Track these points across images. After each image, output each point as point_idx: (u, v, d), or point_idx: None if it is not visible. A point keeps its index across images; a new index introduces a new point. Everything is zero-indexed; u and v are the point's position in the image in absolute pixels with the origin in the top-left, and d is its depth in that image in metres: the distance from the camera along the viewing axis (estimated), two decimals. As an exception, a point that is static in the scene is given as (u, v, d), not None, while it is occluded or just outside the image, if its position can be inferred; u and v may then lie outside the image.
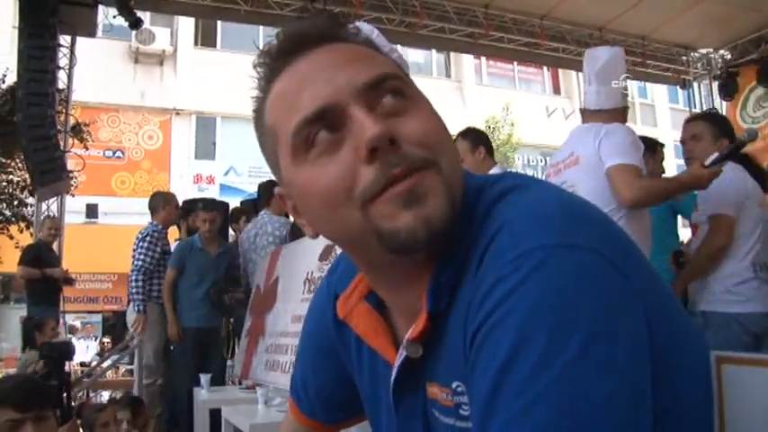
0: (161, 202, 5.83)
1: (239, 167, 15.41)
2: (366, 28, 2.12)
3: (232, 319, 5.69)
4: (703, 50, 10.53)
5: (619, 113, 2.94)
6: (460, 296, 0.71)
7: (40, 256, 6.74)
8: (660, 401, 0.66)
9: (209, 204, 6.08)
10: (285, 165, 0.77)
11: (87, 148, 9.99)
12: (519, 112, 16.46)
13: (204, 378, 4.41)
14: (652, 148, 3.93)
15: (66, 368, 5.80)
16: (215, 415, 4.07)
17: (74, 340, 10.97)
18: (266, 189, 5.37)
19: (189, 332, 5.38)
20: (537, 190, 0.74)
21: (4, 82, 9.39)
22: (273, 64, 0.79)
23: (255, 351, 4.15)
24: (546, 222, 0.66)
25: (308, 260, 3.50)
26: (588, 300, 0.61)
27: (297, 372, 1.08)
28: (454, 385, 0.74)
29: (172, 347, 5.63)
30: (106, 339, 11.69)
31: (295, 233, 4.57)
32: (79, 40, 8.20)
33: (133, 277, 5.45)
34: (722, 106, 10.55)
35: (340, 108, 0.71)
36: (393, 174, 0.69)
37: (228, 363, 5.85)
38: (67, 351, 3.01)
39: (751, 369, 0.61)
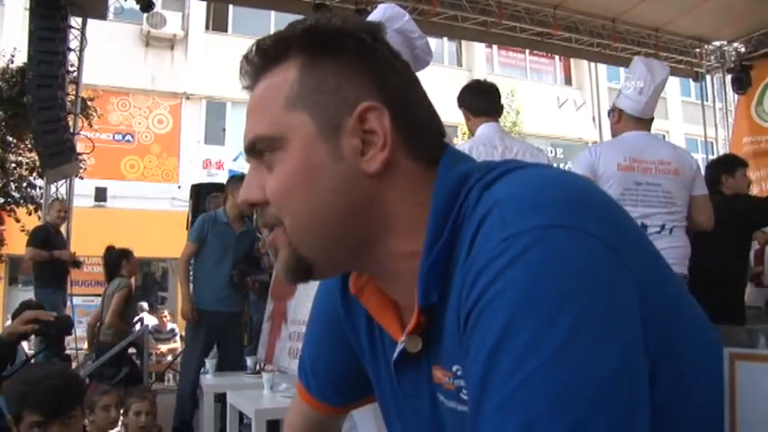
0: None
1: (248, 153, 15.41)
2: (397, 12, 2.11)
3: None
4: (717, 43, 10.44)
5: (652, 121, 3.35)
6: (454, 283, 0.70)
7: (48, 239, 6.76)
8: (662, 395, 0.65)
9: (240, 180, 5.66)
10: None
11: (92, 125, 9.88)
12: (530, 103, 16.40)
13: (210, 363, 4.42)
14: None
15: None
16: (220, 400, 4.09)
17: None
18: None
19: (204, 316, 4.98)
20: (532, 171, 0.72)
21: (12, 62, 9.38)
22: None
23: (279, 336, 4.13)
24: (538, 202, 0.65)
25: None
26: (580, 282, 0.60)
27: (305, 353, 1.06)
28: (454, 368, 0.74)
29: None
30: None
31: None
32: (90, 22, 8.19)
33: None
34: (734, 100, 10.47)
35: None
36: (262, 224, 0.82)
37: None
38: (66, 326, 2.98)
39: (765, 366, 0.59)
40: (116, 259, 6.36)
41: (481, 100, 3.30)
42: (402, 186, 0.76)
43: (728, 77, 10.43)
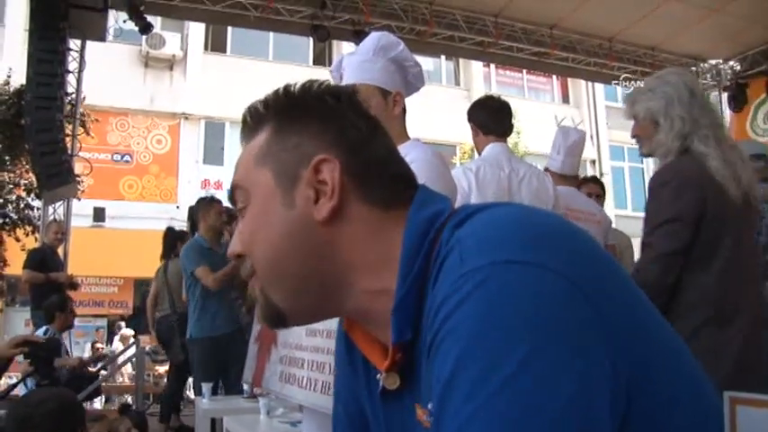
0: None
1: (247, 173, 15.41)
2: (392, 41, 2.10)
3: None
4: (713, 61, 10.50)
5: (577, 178, 3.92)
6: (423, 316, 0.73)
7: (45, 261, 6.74)
8: (639, 427, 0.64)
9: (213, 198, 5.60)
10: None
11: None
12: (527, 121, 16.45)
13: (206, 387, 4.38)
14: None
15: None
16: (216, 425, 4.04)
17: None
18: None
19: (211, 343, 5.02)
20: (496, 210, 0.75)
21: (8, 84, 9.40)
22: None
23: (268, 359, 4.09)
24: (495, 240, 0.67)
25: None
26: (532, 316, 0.61)
27: (333, 402, 1.06)
28: (429, 406, 0.74)
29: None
30: (100, 345, 11.66)
31: None
32: (89, 43, 8.24)
33: None
34: (730, 117, 10.51)
35: None
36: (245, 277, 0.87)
37: None
38: (55, 348, 2.98)
39: (766, 411, 0.58)
40: (173, 240, 6.59)
41: (492, 118, 3.25)
42: (357, 230, 0.81)
43: (725, 95, 10.48)
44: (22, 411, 2.07)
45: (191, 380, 6.55)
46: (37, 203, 9.37)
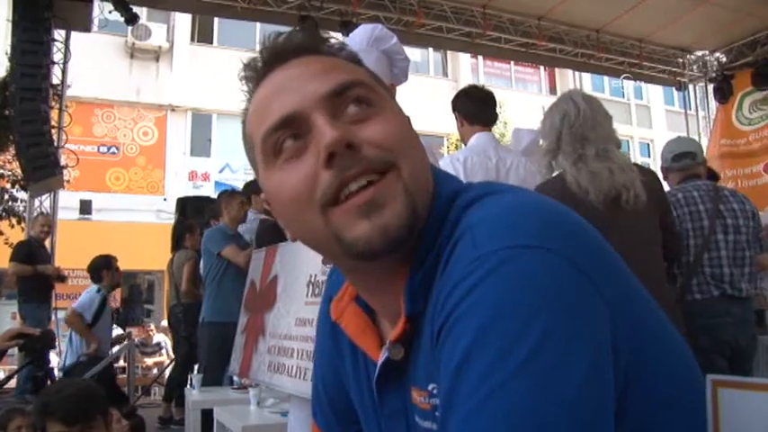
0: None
1: (234, 165, 15.36)
2: (386, 33, 2.09)
3: None
4: (699, 53, 10.54)
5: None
6: (431, 298, 0.72)
7: (32, 253, 6.72)
8: (634, 418, 0.65)
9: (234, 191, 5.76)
10: (260, 171, 0.80)
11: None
12: (515, 112, 16.47)
13: (196, 378, 4.38)
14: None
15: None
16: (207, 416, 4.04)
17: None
18: (249, 188, 5.45)
19: (215, 329, 4.93)
20: (508, 195, 0.75)
21: None
22: (255, 76, 0.81)
23: (255, 350, 4.09)
24: (509, 224, 0.68)
25: (310, 262, 3.44)
26: (546, 302, 0.61)
27: (314, 382, 1.06)
28: (430, 387, 0.75)
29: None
30: None
31: (263, 232, 4.53)
32: (74, 34, 8.15)
33: None
34: (716, 108, 10.58)
35: (304, 116, 0.74)
36: (347, 176, 0.71)
37: None
38: (50, 341, 3.01)
39: (747, 393, 0.59)
40: (182, 231, 6.74)
41: (477, 107, 3.22)
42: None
43: (711, 87, 10.54)
44: (42, 400, 2.18)
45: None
46: (22, 195, 9.28)
